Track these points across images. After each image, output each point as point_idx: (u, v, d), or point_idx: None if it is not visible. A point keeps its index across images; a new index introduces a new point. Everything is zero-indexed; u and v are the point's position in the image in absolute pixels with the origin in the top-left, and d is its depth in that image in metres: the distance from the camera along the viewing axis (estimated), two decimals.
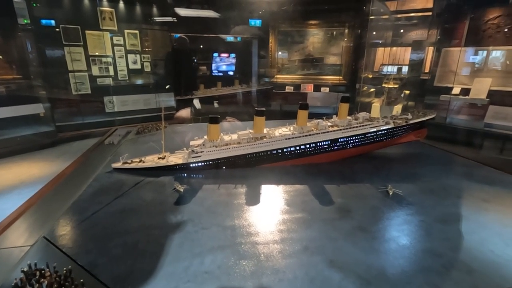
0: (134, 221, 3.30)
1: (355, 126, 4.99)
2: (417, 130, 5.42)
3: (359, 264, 2.67)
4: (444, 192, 4.13)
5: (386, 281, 2.49)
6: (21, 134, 9.49)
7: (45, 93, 10.46)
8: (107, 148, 5.82)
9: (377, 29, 13.63)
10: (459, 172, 4.94)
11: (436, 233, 3.17)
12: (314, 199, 3.86)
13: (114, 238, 2.98)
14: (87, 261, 2.63)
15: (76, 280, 2.37)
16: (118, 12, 11.34)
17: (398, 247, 2.94)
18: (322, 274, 2.56)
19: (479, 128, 9.94)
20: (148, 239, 3.00)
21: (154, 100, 12.76)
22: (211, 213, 3.48)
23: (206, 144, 4.61)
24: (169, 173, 4.53)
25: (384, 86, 12.92)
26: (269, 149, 4.74)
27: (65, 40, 10.40)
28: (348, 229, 3.21)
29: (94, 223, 3.24)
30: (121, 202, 3.68)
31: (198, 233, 3.09)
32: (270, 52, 14.09)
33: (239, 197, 3.88)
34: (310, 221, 3.36)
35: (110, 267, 2.58)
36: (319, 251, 2.84)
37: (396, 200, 3.87)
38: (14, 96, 9.75)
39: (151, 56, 12.37)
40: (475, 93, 10.65)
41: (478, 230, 3.22)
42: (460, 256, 2.82)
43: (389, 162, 5.35)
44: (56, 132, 10.30)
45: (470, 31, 10.76)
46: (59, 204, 3.70)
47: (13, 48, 10.12)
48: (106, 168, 4.77)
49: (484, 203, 3.81)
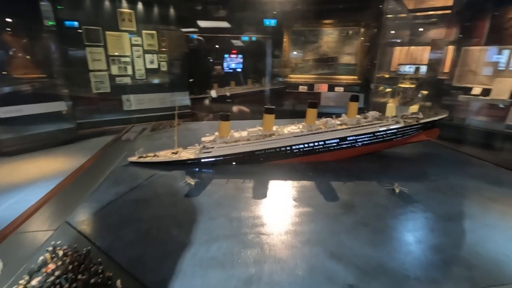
0: (147, 210, 3.54)
1: (364, 125, 5.05)
2: (429, 129, 5.41)
3: (359, 256, 2.78)
4: (451, 191, 4.14)
5: (384, 272, 2.59)
6: (45, 130, 10.05)
7: (67, 91, 11.00)
8: (124, 144, 6.14)
9: (394, 28, 13.44)
10: (470, 172, 4.90)
11: (439, 230, 3.22)
12: (319, 195, 3.98)
13: (128, 225, 3.22)
14: (104, 244, 2.88)
15: (94, 259, 2.61)
16: (137, 13, 11.76)
17: (399, 242, 3.03)
18: (322, 264, 2.69)
19: (500, 129, 9.63)
20: (159, 227, 3.22)
21: (170, 99, 13.14)
22: (219, 205, 3.68)
23: (217, 140, 4.81)
24: (181, 167, 4.77)
25: (400, 86, 12.75)
26: (278, 146, 4.89)
27: (86, 41, 10.88)
28: (351, 224, 3.32)
29: (111, 211, 3.51)
30: (136, 193, 3.94)
31: (206, 223, 3.29)
32: (284, 51, 14.18)
33: (246, 191, 4.05)
34: (314, 215, 3.48)
35: (124, 250, 2.81)
36: (321, 243, 2.97)
37: (402, 197, 3.92)
38: (39, 94, 10.33)
39: (167, 56, 12.74)
40: (496, 93, 10.33)
41: (482, 228, 3.25)
42: (461, 252, 2.87)
43: (398, 161, 5.37)
44: (76, 129, 10.82)
45: (492, 29, 10.46)
46: (79, 194, 4.00)
47: (38, 49, 10.73)
48: (122, 162, 5.07)
49: (491, 202, 3.80)
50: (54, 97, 10.71)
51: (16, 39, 10.42)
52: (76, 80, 11.55)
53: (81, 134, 10.83)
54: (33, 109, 10.19)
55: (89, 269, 2.49)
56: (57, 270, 2.46)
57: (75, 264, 2.54)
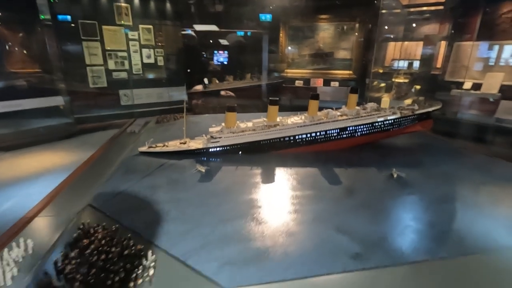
0: (163, 195, 3.83)
1: (363, 116, 5.42)
2: (424, 120, 5.80)
3: (362, 231, 3.14)
4: (444, 176, 4.54)
5: (386, 243, 2.95)
6: (43, 125, 10.14)
7: (64, 86, 11.07)
8: (129, 136, 6.39)
9: (388, 24, 13.83)
10: (462, 161, 5.33)
11: (433, 209, 3.60)
12: (323, 180, 4.33)
13: (148, 207, 3.51)
14: (129, 222, 3.16)
15: (123, 235, 2.90)
16: (133, 7, 11.86)
17: (398, 219, 3.40)
18: (329, 237, 3.03)
19: (491, 123, 10.13)
20: (176, 209, 3.52)
21: (167, 94, 13.30)
22: (230, 189, 3.99)
23: (224, 131, 5.11)
24: (190, 156, 5.06)
25: (394, 80, 13.17)
26: (282, 136, 5.21)
27: (83, 35, 10.94)
28: (354, 204, 3.67)
29: (130, 196, 3.79)
30: (150, 180, 4.23)
31: (220, 205, 3.60)
32: (280, 46, 14.44)
33: (254, 177, 4.38)
34: (319, 198, 3.83)
35: (148, 227, 3.11)
36: (327, 221, 3.31)
37: (399, 182, 4.30)
38: (36, 89, 10.40)
39: (164, 50, 12.87)
40: (487, 87, 10.82)
41: (472, 207, 3.64)
42: (453, 226, 3.26)
43: (395, 151, 5.77)
44: (75, 123, 10.92)
45: (483, 25, 10.91)
46: (94, 181, 4.26)
47: (35, 43, 10.77)
48: (131, 152, 5.33)
49: (481, 185, 4.22)
50: (52, 91, 10.78)
51: (12, 33, 10.44)
52: (73, 75, 11.61)
53: (79, 129, 10.92)
54: (31, 104, 10.25)
55: (121, 243, 2.77)
56: (91, 244, 2.74)
57: (107, 239, 2.82)
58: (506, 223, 3.27)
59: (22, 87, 10.42)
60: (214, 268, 2.53)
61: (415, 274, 2.57)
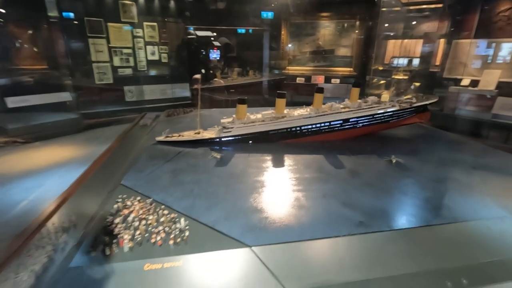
0: (185, 176, 4.33)
1: (364, 108, 5.95)
2: (421, 113, 6.34)
3: (365, 205, 3.66)
4: (440, 161, 5.09)
5: (386, 214, 3.48)
6: (50, 120, 10.60)
7: (71, 82, 11.54)
8: (142, 129, 6.87)
9: (388, 21, 14.36)
10: (457, 148, 5.90)
11: (429, 188, 4.14)
12: (328, 165, 4.86)
13: (174, 186, 4.01)
14: (160, 198, 3.66)
15: (157, 207, 3.40)
16: (138, 5, 12.34)
17: (397, 196, 3.93)
18: (337, 209, 3.55)
19: (487, 119, 10.69)
20: (199, 188, 4.02)
21: (170, 90, 13.79)
22: (245, 172, 4.51)
23: (235, 122, 5.62)
24: (204, 145, 5.58)
25: (394, 77, 13.70)
26: (289, 127, 5.73)
27: (89, 32, 11.41)
28: (358, 184, 4.20)
29: (155, 177, 4.28)
30: (171, 165, 4.73)
31: (239, 184, 4.12)
32: (282, 44, 14.92)
33: (266, 163, 4.89)
34: (326, 179, 4.35)
35: (177, 202, 3.60)
36: (334, 197, 3.83)
37: (398, 166, 4.84)
38: (43, 85, 10.85)
39: (168, 47, 13.36)
40: (484, 84, 11.39)
41: (464, 187, 4.17)
42: (446, 202, 3.79)
43: (395, 140, 6.31)
44: (81, 118, 11.39)
45: (481, 23, 11.47)
46: (118, 167, 4.76)
47: (42, 40, 11.23)
48: (147, 142, 5.82)
49: (473, 169, 4.76)
50: (59, 88, 11.24)
51: (21, 31, 10.89)
52: (79, 71, 12.07)
53: (86, 124, 11.38)
54: (39, 99, 10.70)
55: (156, 212, 3.27)
56: (131, 213, 3.24)
57: (143, 209, 3.32)
58: (492, 199, 3.81)
59: (30, 83, 10.86)
60: (239, 233, 3.04)
61: (410, 237, 3.09)
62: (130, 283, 2.51)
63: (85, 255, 2.73)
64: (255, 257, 2.77)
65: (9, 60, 10.22)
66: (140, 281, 2.53)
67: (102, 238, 2.84)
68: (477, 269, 2.71)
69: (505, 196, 3.86)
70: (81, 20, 11.24)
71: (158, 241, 2.86)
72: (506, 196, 3.85)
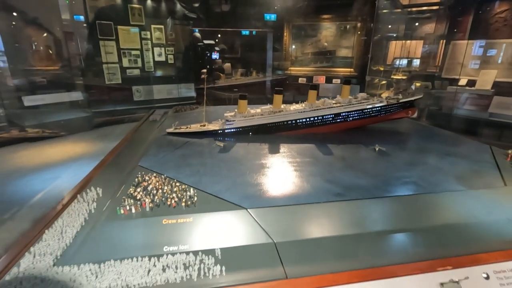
0: (193, 160, 5.18)
1: (354, 103, 6.76)
2: (408, 108, 7.12)
3: (345, 181, 4.46)
4: (418, 149, 5.90)
5: (362, 188, 4.27)
6: (64, 118, 11.58)
7: (82, 82, 12.54)
8: (152, 123, 7.76)
9: (387, 23, 15.16)
10: (438, 140, 6.68)
11: (404, 169, 4.94)
12: (319, 152, 5.67)
13: (183, 167, 4.86)
14: (172, 175, 4.50)
15: (170, 180, 4.24)
16: (146, 8, 13.33)
17: (373, 174, 4.72)
18: (321, 185, 4.36)
19: (484, 117, 11.41)
20: (205, 168, 4.86)
21: (176, 91, 14.72)
22: (246, 157, 5.35)
23: (237, 115, 6.47)
24: (209, 136, 6.45)
25: (393, 77, 14.47)
26: (285, 120, 6.56)
27: (100, 35, 12.40)
28: (341, 167, 5.01)
29: (167, 161, 5.14)
30: (180, 151, 5.59)
31: (239, 166, 4.95)
32: (284, 45, 15.77)
33: (264, 149, 5.73)
34: (315, 163, 5.17)
35: (187, 178, 4.44)
36: (320, 176, 4.64)
37: (380, 153, 5.64)
38: (57, 84, 11.86)
39: (174, 49, 14.30)
40: (481, 84, 12.12)
41: (434, 169, 4.95)
42: (416, 180, 4.56)
43: (382, 133, 7.12)
44: (92, 117, 12.35)
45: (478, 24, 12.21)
46: (133, 154, 5.62)
47: (56, 42, 12.28)
48: (159, 133, 6.70)
49: (445, 156, 5.53)
50: (71, 87, 12.23)
51: (38, 33, 11.94)
52: (91, 72, 13.07)
53: (97, 122, 12.33)
54: (53, 98, 11.70)
55: (170, 184, 4.12)
56: (149, 185, 4.09)
57: (159, 182, 4.17)
58: (454, 178, 4.58)
59: (45, 83, 11.86)
60: (238, 199, 3.86)
61: (379, 204, 3.89)
62: (152, 232, 3.35)
63: (115, 214, 3.57)
64: (250, 216, 3.59)
65: (27, 61, 11.25)
66: (160, 231, 3.36)
67: (128, 201, 3.68)
68: (433, 230, 3.48)
69: (466, 175, 4.64)
70: (93, 23, 12.23)
71: (172, 204, 3.69)
72: (466, 176, 4.63)
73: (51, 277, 2.74)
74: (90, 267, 2.84)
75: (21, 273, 2.79)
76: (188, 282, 2.76)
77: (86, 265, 2.86)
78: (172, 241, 3.21)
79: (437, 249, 3.20)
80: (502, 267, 2.94)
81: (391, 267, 2.93)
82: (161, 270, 2.84)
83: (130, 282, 2.70)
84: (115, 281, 2.72)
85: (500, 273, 2.90)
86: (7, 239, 4.02)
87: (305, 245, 3.22)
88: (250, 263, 3.00)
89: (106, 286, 2.67)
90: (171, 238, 3.25)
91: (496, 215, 3.66)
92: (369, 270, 2.89)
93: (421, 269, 2.90)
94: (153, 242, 3.22)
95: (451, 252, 3.14)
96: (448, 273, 2.86)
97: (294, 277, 2.82)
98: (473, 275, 2.85)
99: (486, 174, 4.72)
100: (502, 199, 3.98)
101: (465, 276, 2.80)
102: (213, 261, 2.95)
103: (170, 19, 13.71)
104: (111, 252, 3.07)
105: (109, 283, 2.69)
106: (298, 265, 2.98)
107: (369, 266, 2.92)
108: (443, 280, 2.79)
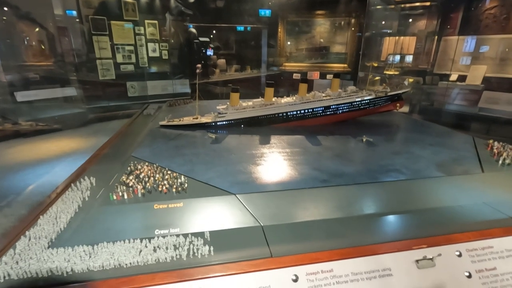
0: (186, 150, 5.33)
1: (344, 96, 6.93)
2: (396, 101, 7.32)
3: (331, 169, 4.64)
4: (404, 139, 6.13)
5: (346, 175, 4.45)
6: (57, 114, 11.64)
7: (76, 78, 12.59)
8: (147, 117, 7.89)
9: (380, 19, 15.35)
10: (424, 131, 6.89)
11: (387, 158, 5.12)
12: (308, 143, 5.85)
13: (176, 157, 5.01)
14: (164, 164, 4.65)
15: (162, 169, 4.39)
16: (140, 3, 13.37)
17: (358, 163, 4.92)
18: (308, 172, 4.54)
19: (474, 112, 11.68)
20: (198, 158, 5.01)
21: (171, 87, 14.80)
22: (237, 147, 5.53)
23: (229, 108, 6.62)
24: (201, 128, 6.60)
25: (386, 73, 14.69)
26: (277, 112, 6.72)
27: (93, 30, 12.43)
28: (329, 156, 5.19)
29: (160, 151, 5.28)
30: (174, 142, 5.74)
31: (230, 156, 5.12)
32: (279, 41, 15.88)
33: (255, 141, 5.90)
34: (304, 152, 5.34)
35: (179, 167, 4.59)
36: (308, 164, 4.82)
37: (367, 144, 5.83)
38: (50, 80, 11.90)
39: (168, 45, 14.36)
40: (471, 79, 12.38)
41: (416, 158, 5.15)
42: (400, 167, 4.75)
43: (371, 125, 7.33)
44: (86, 113, 12.42)
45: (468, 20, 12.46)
46: (127, 146, 5.75)
47: (49, 38, 12.30)
48: (153, 126, 6.83)
49: (428, 146, 5.74)
50: (65, 83, 12.28)
51: (30, 28, 11.95)
52: (84, 68, 13.11)
53: (91, 118, 12.39)
54: (47, 94, 11.74)
55: (162, 172, 4.26)
56: (141, 173, 4.23)
57: (151, 170, 4.32)
58: (435, 165, 4.78)
59: (38, 78, 11.90)
60: (227, 185, 4.01)
61: (362, 190, 4.07)
62: (144, 216, 3.50)
63: (108, 200, 3.72)
64: (239, 201, 3.75)
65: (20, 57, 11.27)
66: (151, 215, 3.51)
67: (121, 188, 3.82)
68: (413, 214, 3.66)
69: (446, 163, 4.85)
70: (86, 18, 12.25)
71: (163, 190, 3.85)
72: (447, 164, 4.84)
73: (46, 258, 2.88)
74: (84, 248, 2.99)
75: (17, 254, 2.93)
76: (177, 261, 2.92)
77: (80, 246, 3.00)
78: (163, 224, 3.37)
79: (415, 230, 3.38)
80: (474, 245, 3.13)
81: (370, 246, 3.11)
82: (152, 251, 2.98)
83: (122, 261, 2.85)
84: (108, 261, 2.86)
85: (472, 251, 3.09)
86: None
87: (291, 228, 3.39)
88: (237, 245, 3.16)
89: (100, 265, 2.82)
90: (162, 222, 3.41)
91: (472, 199, 3.86)
92: (350, 248, 3.07)
93: (398, 248, 3.08)
94: (145, 226, 3.37)
95: (428, 232, 3.32)
96: (424, 251, 3.05)
97: (278, 256, 2.99)
98: (446, 252, 3.04)
99: (465, 162, 4.93)
100: (479, 184, 4.19)
101: (438, 254, 2.99)
102: (202, 242, 3.10)
103: (168, 14, 13.78)
104: (104, 235, 3.21)
105: (102, 262, 2.84)
106: (283, 246, 3.15)
107: (350, 246, 3.10)
108: (418, 257, 2.98)
